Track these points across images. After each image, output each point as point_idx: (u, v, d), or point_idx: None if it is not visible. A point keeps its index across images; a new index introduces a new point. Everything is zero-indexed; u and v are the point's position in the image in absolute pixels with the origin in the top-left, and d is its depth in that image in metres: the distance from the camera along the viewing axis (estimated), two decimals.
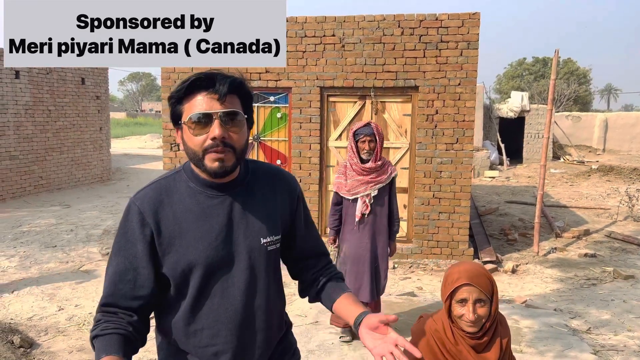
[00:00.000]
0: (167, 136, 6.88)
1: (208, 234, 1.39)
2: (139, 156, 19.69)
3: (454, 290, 1.75)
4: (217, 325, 1.42)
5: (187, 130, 1.35)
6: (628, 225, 8.64)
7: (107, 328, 1.35)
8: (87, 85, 12.56)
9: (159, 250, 1.38)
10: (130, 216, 1.39)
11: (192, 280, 1.39)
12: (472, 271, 1.76)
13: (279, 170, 1.62)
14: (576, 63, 49.91)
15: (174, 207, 1.40)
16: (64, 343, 4.13)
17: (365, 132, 3.84)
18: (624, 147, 19.26)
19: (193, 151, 1.36)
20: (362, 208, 3.94)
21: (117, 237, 1.41)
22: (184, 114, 1.35)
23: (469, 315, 1.72)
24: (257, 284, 1.46)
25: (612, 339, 4.31)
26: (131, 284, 1.38)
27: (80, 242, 7.26)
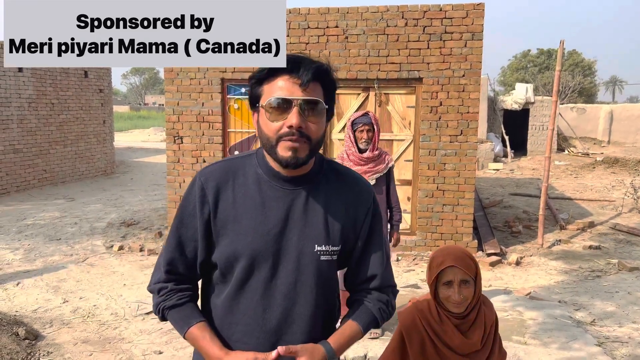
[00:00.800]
0: (170, 129, 6.87)
1: (261, 225, 1.33)
2: (142, 149, 19.72)
3: (439, 273, 1.81)
4: (252, 324, 1.36)
5: (263, 114, 1.30)
6: (633, 217, 8.60)
7: (183, 297, 1.39)
8: (90, 78, 12.55)
9: (213, 230, 1.36)
10: (193, 190, 1.38)
11: (236, 270, 1.35)
12: (456, 254, 1.81)
13: (356, 177, 1.49)
14: (581, 55, 49.56)
15: (235, 190, 1.36)
16: (68, 335, 4.15)
17: (364, 122, 3.82)
18: (629, 139, 19.15)
19: (267, 137, 1.30)
20: None
21: (180, 208, 1.40)
22: (263, 96, 1.30)
23: (455, 296, 1.78)
24: (302, 292, 1.36)
25: (617, 330, 4.30)
26: (192, 253, 1.38)
27: (84, 235, 7.28)
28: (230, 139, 6.84)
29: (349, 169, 1.53)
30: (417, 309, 1.90)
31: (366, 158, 3.88)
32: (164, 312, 1.40)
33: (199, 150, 6.80)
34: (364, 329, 1.43)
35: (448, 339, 1.83)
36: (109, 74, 13.29)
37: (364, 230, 1.45)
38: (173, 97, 6.81)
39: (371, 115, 3.86)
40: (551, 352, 3.79)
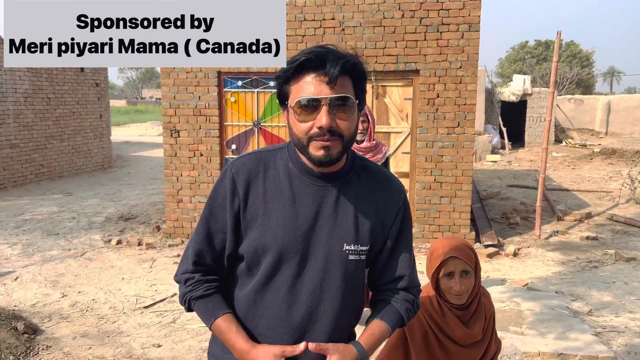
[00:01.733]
0: (167, 123, 6.85)
1: (291, 220, 1.31)
2: (139, 144, 19.68)
3: (440, 265, 1.81)
4: (275, 319, 1.34)
5: (292, 115, 1.27)
6: (630, 208, 8.63)
7: (210, 288, 1.38)
8: (86, 73, 12.50)
9: (242, 223, 1.34)
10: (224, 181, 1.36)
11: (262, 264, 1.33)
12: (456, 244, 1.82)
13: (388, 176, 1.46)
14: (579, 46, 49.49)
15: (266, 183, 1.34)
16: (67, 329, 4.16)
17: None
18: (627, 130, 19.17)
19: (298, 137, 1.27)
20: None
21: (210, 198, 1.39)
22: (291, 96, 1.27)
23: (456, 287, 1.78)
24: (327, 290, 1.34)
25: (613, 320, 4.32)
26: (220, 245, 1.38)
27: (82, 230, 7.28)
28: (227, 133, 6.83)
29: (381, 167, 1.50)
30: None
31: (364, 148, 3.89)
32: (191, 303, 1.39)
33: (196, 144, 6.79)
34: (392, 329, 1.42)
35: (450, 331, 1.84)
36: (105, 68, 13.23)
37: (393, 230, 1.42)
38: (169, 91, 6.79)
39: (366, 107, 3.86)
40: (548, 342, 3.81)
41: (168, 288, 5.05)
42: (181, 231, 6.86)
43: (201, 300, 1.38)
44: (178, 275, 1.43)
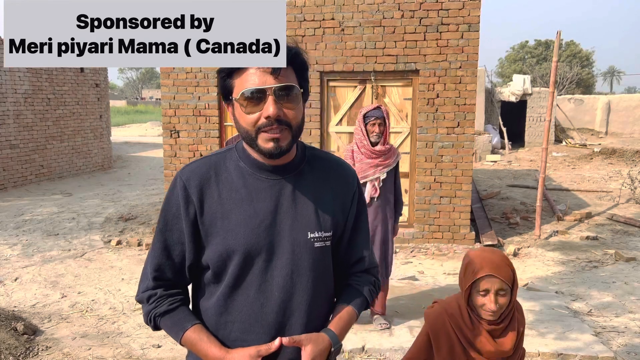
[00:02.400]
0: (166, 123, 6.85)
1: (251, 219, 1.30)
2: (139, 144, 19.69)
3: (475, 281, 1.73)
4: (249, 320, 1.32)
5: (238, 108, 1.26)
6: (630, 208, 8.62)
7: (175, 302, 1.34)
8: (86, 73, 12.51)
9: (202, 230, 1.31)
10: (175, 191, 1.32)
11: (229, 267, 1.30)
12: (495, 261, 1.72)
13: (340, 162, 1.48)
14: (579, 45, 49.49)
15: (220, 186, 1.32)
16: (67, 330, 4.16)
17: (376, 115, 3.82)
18: (627, 130, 19.17)
19: (245, 130, 1.27)
20: (372, 192, 3.91)
21: (163, 210, 1.35)
22: (235, 89, 1.27)
23: (490, 306, 1.71)
24: (298, 282, 1.33)
25: (614, 320, 4.32)
26: (179, 257, 1.34)
27: (82, 230, 7.28)
28: (227, 133, 6.83)
29: (331, 154, 1.52)
30: (447, 313, 1.84)
31: (378, 151, 3.88)
32: (156, 320, 1.34)
33: (196, 144, 6.79)
34: (358, 312, 1.45)
35: (480, 345, 1.78)
36: (105, 69, 13.24)
37: (351, 213, 1.45)
38: (169, 91, 6.79)
39: (383, 109, 3.87)
40: (548, 342, 3.81)
41: None
42: None
43: (167, 316, 1.33)
44: (139, 294, 1.37)
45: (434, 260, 6.07)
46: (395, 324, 4.09)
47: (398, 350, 3.66)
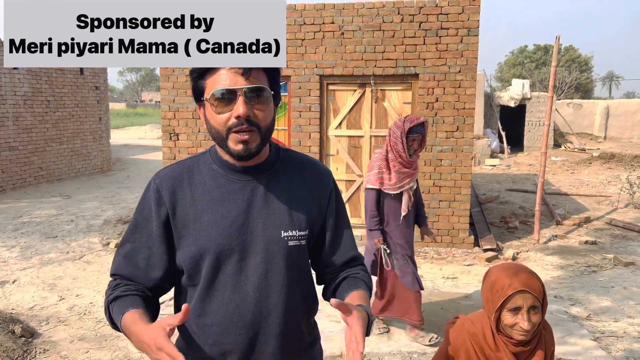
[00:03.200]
0: (166, 126, 6.85)
1: (223, 219, 1.30)
2: (139, 146, 19.68)
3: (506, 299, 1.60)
4: (225, 323, 1.31)
5: (209, 108, 1.27)
6: (629, 213, 8.63)
7: (129, 290, 1.30)
8: (85, 75, 12.51)
9: (174, 232, 1.31)
10: (148, 193, 1.34)
11: (203, 269, 1.30)
12: (524, 276, 1.61)
13: (313, 162, 1.50)
14: (578, 50, 49.62)
15: (193, 188, 1.33)
16: (65, 332, 4.15)
17: (419, 132, 3.80)
18: (625, 135, 19.20)
19: (216, 130, 1.27)
20: (409, 202, 3.91)
21: (135, 213, 1.37)
22: (206, 89, 1.27)
23: (523, 324, 1.58)
24: (274, 281, 1.33)
25: (612, 325, 4.31)
26: (145, 262, 1.33)
27: (80, 233, 7.26)
28: None
29: (306, 155, 1.53)
30: (470, 332, 1.72)
31: (412, 162, 3.90)
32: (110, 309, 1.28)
33: (195, 147, 6.79)
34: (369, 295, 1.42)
35: None
36: (104, 71, 13.25)
37: (329, 212, 1.45)
38: (169, 94, 6.79)
39: (426, 125, 3.87)
40: None
41: None
42: None
43: (117, 302, 1.27)
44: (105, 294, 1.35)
45: (433, 264, 6.06)
46: (392, 329, 4.09)
47: (396, 354, 3.65)
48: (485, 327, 1.68)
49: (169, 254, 1.33)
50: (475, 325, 1.70)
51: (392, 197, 3.88)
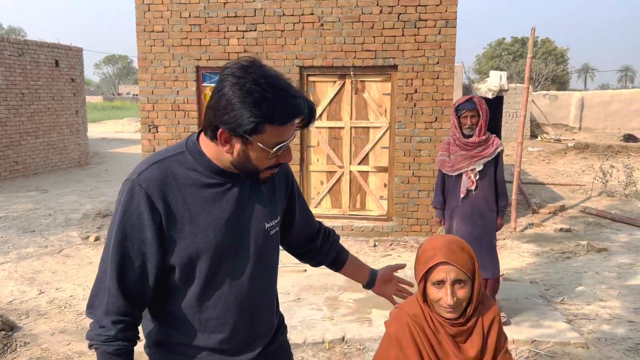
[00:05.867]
0: (144, 118, 6.80)
1: (218, 220, 1.33)
2: (117, 140, 19.42)
3: (428, 270, 1.51)
4: (226, 314, 1.39)
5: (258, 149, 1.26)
6: (602, 201, 8.86)
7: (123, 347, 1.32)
8: (61, 67, 12.29)
9: (167, 236, 1.30)
10: (135, 199, 1.27)
11: (199, 268, 1.33)
12: (450, 247, 1.51)
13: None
14: (554, 43, 50.37)
15: (182, 191, 1.31)
16: (45, 325, 4.12)
17: (467, 107, 3.77)
18: (599, 125, 19.63)
19: (254, 166, 1.30)
20: (468, 184, 3.88)
21: (119, 222, 1.28)
22: (266, 135, 1.24)
23: (447, 299, 1.48)
24: (262, 268, 1.44)
25: (585, 308, 4.46)
26: (139, 270, 1.31)
27: (59, 227, 7.18)
28: None
29: None
30: (410, 315, 1.59)
31: (472, 143, 3.83)
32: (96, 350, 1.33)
33: (175, 139, 6.75)
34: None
35: (443, 353, 1.54)
36: (80, 63, 13.03)
37: (293, 195, 1.60)
38: (147, 86, 6.73)
39: (476, 100, 3.80)
40: (522, 330, 3.92)
41: None
42: None
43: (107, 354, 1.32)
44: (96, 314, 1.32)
45: (412, 252, 6.16)
46: (373, 315, 4.16)
47: (377, 339, 3.72)
48: (423, 307, 1.58)
49: (161, 260, 1.32)
50: (414, 307, 1.61)
51: (453, 178, 3.94)
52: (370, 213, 6.80)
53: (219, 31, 6.51)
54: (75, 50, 12.87)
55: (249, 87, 1.20)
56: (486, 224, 3.93)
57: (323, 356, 3.57)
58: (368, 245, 6.39)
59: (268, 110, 1.21)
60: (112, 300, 1.29)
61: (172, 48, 6.63)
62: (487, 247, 3.93)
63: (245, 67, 1.23)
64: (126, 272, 1.30)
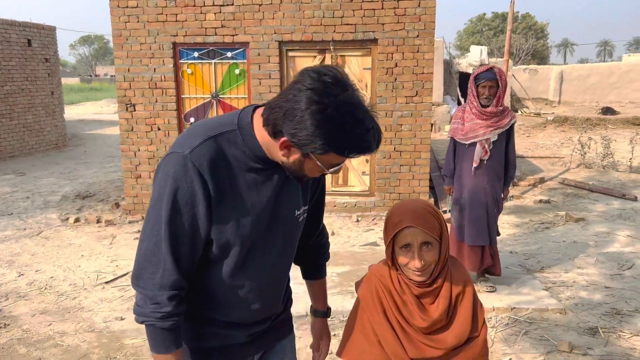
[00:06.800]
0: (122, 96, 6.66)
1: (257, 205, 1.36)
2: (95, 122, 19.07)
3: (396, 235, 1.51)
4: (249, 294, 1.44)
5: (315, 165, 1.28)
6: (580, 172, 9.00)
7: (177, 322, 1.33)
8: (34, 47, 11.95)
9: (213, 213, 1.31)
10: (189, 176, 1.26)
11: (233, 249, 1.36)
12: (415, 210, 1.50)
13: None
14: (534, 18, 50.47)
15: (230, 171, 1.31)
16: (25, 307, 4.08)
17: (487, 77, 3.75)
18: (578, 99, 19.83)
19: (303, 174, 1.33)
20: (481, 154, 3.89)
21: (171, 197, 1.26)
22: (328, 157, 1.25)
23: (415, 263, 1.48)
24: (286, 252, 1.51)
25: (563, 276, 4.55)
26: (190, 245, 1.31)
27: (37, 209, 7.07)
28: (185, 106, 6.70)
29: None
30: (377, 275, 1.62)
31: (489, 112, 3.83)
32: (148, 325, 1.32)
33: (153, 118, 6.64)
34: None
35: (408, 313, 1.54)
36: (54, 42, 12.68)
37: (322, 184, 1.61)
38: (123, 63, 6.58)
39: (496, 70, 3.77)
40: (502, 297, 4.00)
41: (129, 263, 5.00)
42: (141, 207, 6.75)
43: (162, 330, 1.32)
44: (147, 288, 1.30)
45: None
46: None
47: None
48: (391, 270, 1.60)
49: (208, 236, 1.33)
50: (383, 268, 1.62)
51: (466, 147, 3.94)
52: (352, 189, 6.81)
53: (195, 6, 6.36)
54: (48, 29, 12.51)
55: (330, 113, 1.16)
56: (495, 194, 4.01)
57: (306, 328, 3.60)
58: (351, 221, 6.41)
59: (341, 144, 1.20)
60: (168, 274, 1.29)
61: (147, 24, 6.47)
62: (492, 216, 4.04)
63: (329, 85, 1.18)
64: (179, 247, 1.30)
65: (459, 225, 4.09)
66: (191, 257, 1.33)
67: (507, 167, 4.07)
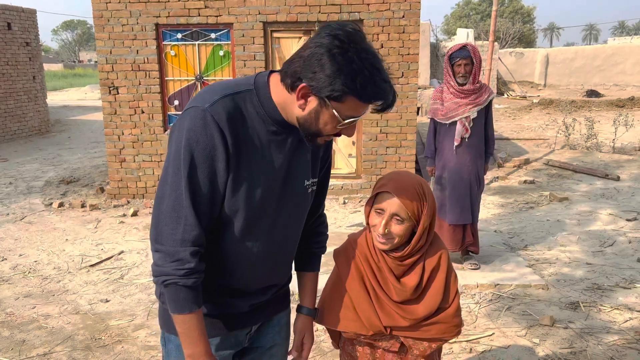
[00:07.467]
0: (104, 79, 6.56)
1: (269, 168, 1.34)
2: (79, 107, 18.80)
3: (376, 197, 1.54)
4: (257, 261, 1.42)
5: (331, 115, 1.24)
6: (565, 153, 9.09)
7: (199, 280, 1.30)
8: (14, 30, 11.69)
9: (230, 170, 1.29)
10: (209, 130, 1.23)
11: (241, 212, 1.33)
12: (402, 182, 1.51)
13: None
14: (521, 2, 50.46)
15: (246, 130, 1.30)
16: (9, 291, 4.04)
17: (461, 55, 3.74)
18: (563, 82, 19.96)
19: (317, 127, 1.28)
20: (462, 132, 3.90)
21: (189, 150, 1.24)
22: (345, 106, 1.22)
23: (379, 228, 1.51)
24: (294, 222, 1.49)
25: (546, 253, 4.61)
26: (209, 200, 1.29)
27: (20, 195, 6.98)
28: (169, 88, 6.62)
29: None
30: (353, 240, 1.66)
31: (467, 90, 3.83)
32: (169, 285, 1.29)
33: (137, 101, 6.56)
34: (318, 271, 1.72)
35: (383, 281, 1.58)
36: (35, 26, 12.41)
37: (328, 164, 1.60)
38: (105, 45, 6.47)
39: (470, 48, 3.76)
40: (486, 274, 4.04)
41: (115, 247, 4.97)
42: (126, 191, 6.70)
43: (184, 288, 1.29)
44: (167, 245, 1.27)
45: None
46: None
47: None
48: (368, 236, 1.61)
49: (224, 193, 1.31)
50: (362, 236, 1.65)
51: (447, 126, 3.95)
52: (339, 171, 6.81)
53: None
54: (28, 12, 12.23)
55: (351, 56, 1.17)
56: (478, 171, 4.04)
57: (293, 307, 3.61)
58: (338, 203, 6.42)
59: (360, 86, 1.19)
60: (190, 228, 1.26)
61: (129, 5, 6.35)
62: (475, 195, 4.07)
63: (350, 33, 1.20)
64: (199, 201, 1.27)
65: (440, 205, 4.11)
66: (210, 213, 1.30)
67: (487, 143, 4.10)
